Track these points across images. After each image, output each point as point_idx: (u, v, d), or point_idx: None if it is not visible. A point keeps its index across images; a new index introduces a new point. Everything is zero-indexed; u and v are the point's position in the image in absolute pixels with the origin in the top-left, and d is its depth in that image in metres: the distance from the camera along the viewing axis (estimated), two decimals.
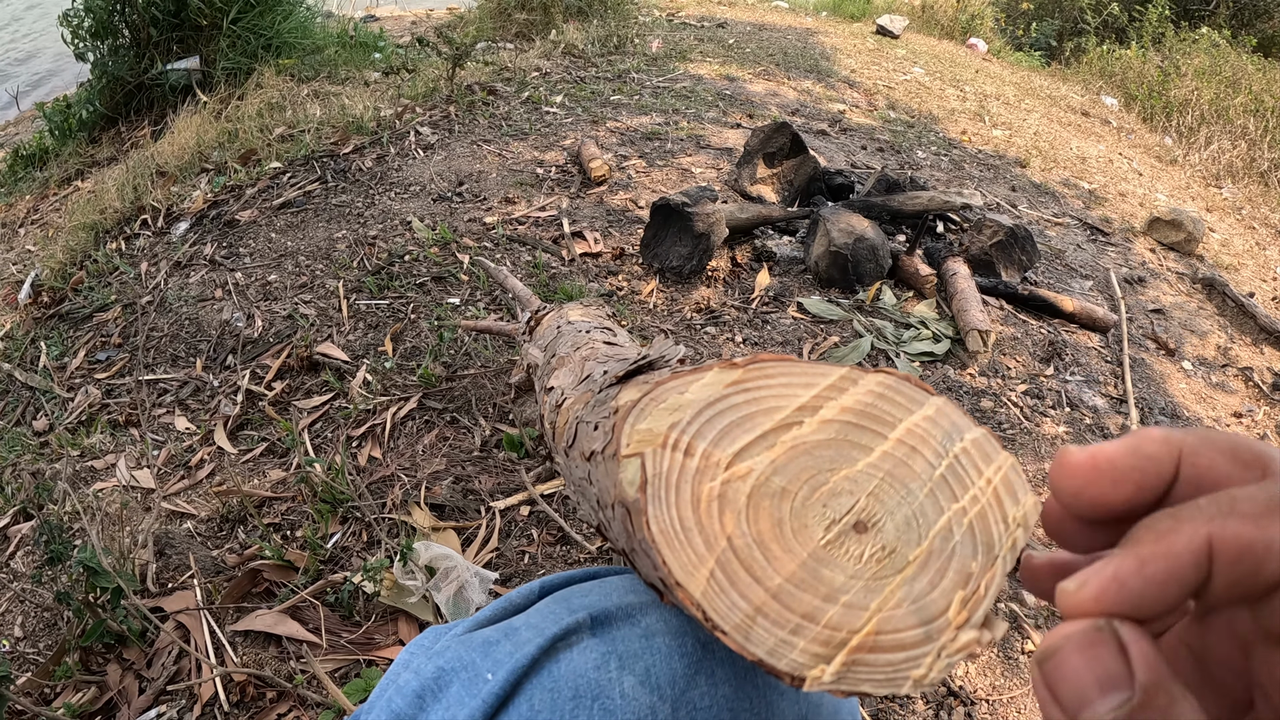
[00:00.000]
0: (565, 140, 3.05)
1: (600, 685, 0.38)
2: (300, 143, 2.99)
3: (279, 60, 3.93)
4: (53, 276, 2.51)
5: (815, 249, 2.24)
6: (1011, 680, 1.30)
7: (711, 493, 0.33)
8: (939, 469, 0.34)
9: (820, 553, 0.32)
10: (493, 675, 0.38)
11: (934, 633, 0.30)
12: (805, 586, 0.31)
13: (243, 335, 2.03)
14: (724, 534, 0.32)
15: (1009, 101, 5.09)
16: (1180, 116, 5.49)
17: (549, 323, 0.99)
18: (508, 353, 1.85)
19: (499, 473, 1.57)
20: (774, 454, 0.34)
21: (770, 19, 6.48)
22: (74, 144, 3.94)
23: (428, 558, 1.24)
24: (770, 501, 0.33)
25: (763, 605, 0.30)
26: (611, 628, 0.41)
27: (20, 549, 1.57)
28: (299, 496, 1.52)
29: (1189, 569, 0.21)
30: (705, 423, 0.35)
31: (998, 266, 2.38)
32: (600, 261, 2.26)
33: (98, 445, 1.78)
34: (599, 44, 4.56)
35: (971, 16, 7.36)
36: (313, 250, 2.34)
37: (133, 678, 1.23)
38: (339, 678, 1.19)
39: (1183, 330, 2.52)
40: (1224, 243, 3.52)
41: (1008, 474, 0.33)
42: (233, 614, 1.29)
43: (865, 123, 3.87)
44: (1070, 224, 3.15)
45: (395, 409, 1.72)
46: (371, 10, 6.25)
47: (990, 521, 0.32)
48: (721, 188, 2.75)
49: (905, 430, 0.35)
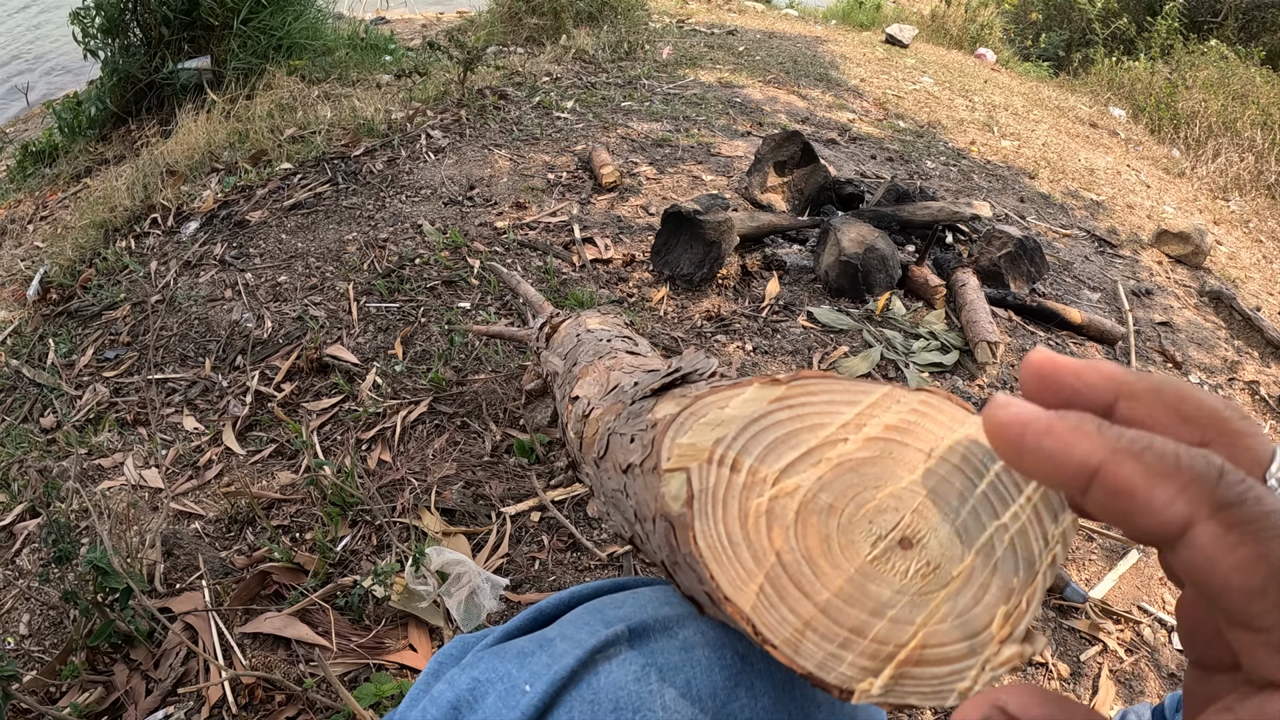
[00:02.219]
0: (576, 145, 3.06)
1: (641, 698, 0.38)
2: (311, 144, 3.00)
3: (289, 61, 3.94)
4: (61, 273, 2.51)
5: (825, 258, 2.24)
6: None
7: (759, 508, 0.33)
8: (980, 486, 0.34)
9: (867, 568, 0.32)
10: (531, 687, 0.38)
11: (978, 646, 0.30)
12: (853, 601, 0.31)
13: (252, 336, 2.03)
14: (773, 549, 0.32)
15: (1017, 112, 5.10)
16: (1188, 128, 5.49)
17: (567, 330, 0.98)
18: (518, 358, 1.85)
19: (509, 478, 1.57)
20: (820, 470, 0.34)
21: (780, 27, 6.49)
22: (83, 141, 3.96)
23: (439, 563, 1.24)
24: (818, 518, 0.33)
25: (812, 620, 0.31)
26: (650, 640, 0.41)
27: (26, 546, 1.57)
28: (308, 499, 1.52)
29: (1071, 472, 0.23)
30: (751, 438, 0.35)
31: (1006, 278, 2.37)
32: (611, 268, 2.26)
33: (105, 444, 1.78)
34: (609, 50, 4.58)
35: (980, 26, 7.37)
36: (323, 252, 2.35)
37: (140, 678, 1.22)
38: (348, 682, 1.19)
39: (1189, 343, 2.52)
40: (1231, 256, 3.52)
41: (1046, 492, 0.34)
42: (241, 616, 1.29)
43: (874, 132, 3.88)
44: (1078, 235, 3.15)
45: (405, 412, 1.72)
46: (382, 13, 6.27)
47: (1030, 538, 0.33)
48: (731, 195, 2.75)
49: (948, 448, 0.35)
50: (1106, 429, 0.22)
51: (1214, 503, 0.20)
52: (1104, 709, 1.29)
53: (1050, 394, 0.26)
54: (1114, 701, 1.30)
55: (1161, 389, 0.24)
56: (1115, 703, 1.30)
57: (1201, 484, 0.20)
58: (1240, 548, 0.20)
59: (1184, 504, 0.20)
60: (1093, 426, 0.23)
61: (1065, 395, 0.26)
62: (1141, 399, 0.24)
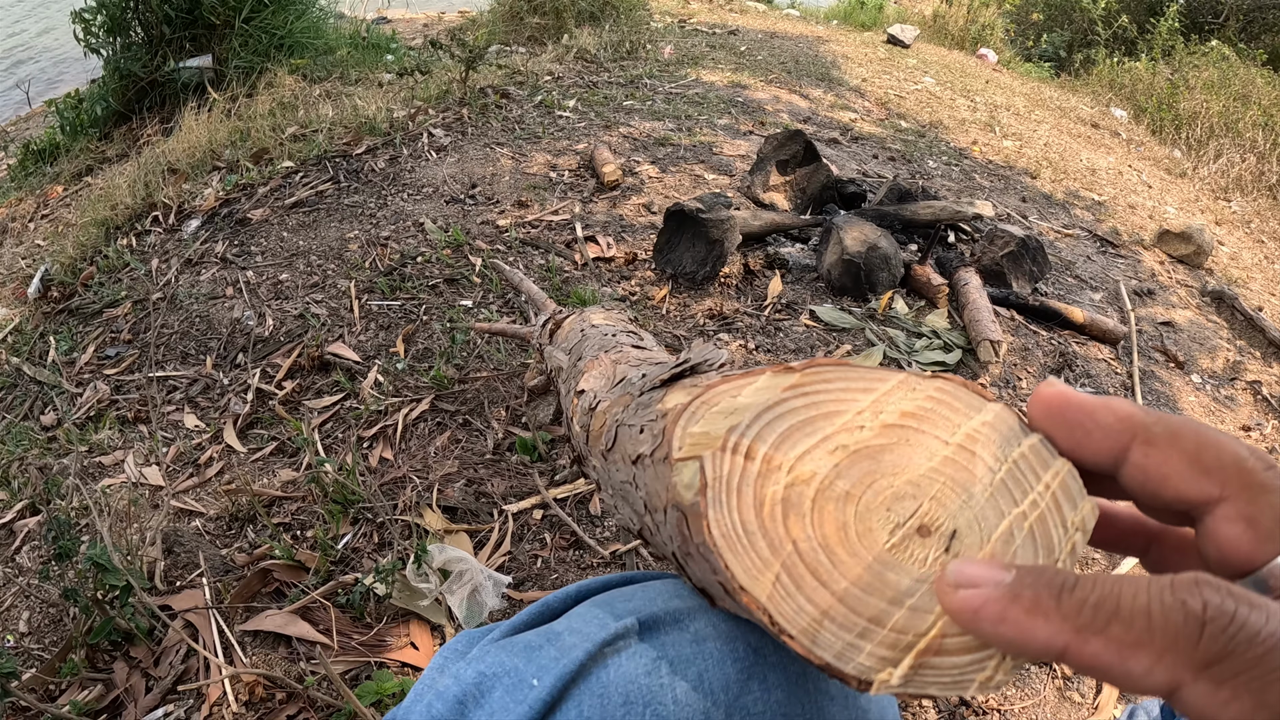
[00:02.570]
0: (578, 144, 3.05)
1: (652, 691, 0.37)
2: (313, 142, 2.99)
3: (291, 60, 3.94)
4: (63, 271, 2.51)
5: (828, 257, 2.23)
6: (1022, 691, 1.29)
7: (775, 496, 0.32)
8: (999, 474, 0.34)
9: (885, 556, 0.31)
10: (538, 681, 0.38)
11: None
12: (871, 590, 0.30)
13: (253, 334, 2.03)
14: (789, 538, 0.31)
15: (1019, 112, 5.09)
16: (1189, 129, 5.49)
17: (571, 326, 0.98)
18: (520, 356, 1.84)
19: (511, 476, 1.56)
20: (837, 458, 0.33)
21: (781, 27, 6.49)
22: (85, 140, 3.95)
23: (441, 560, 1.24)
24: (834, 505, 0.32)
25: (829, 609, 0.30)
26: (660, 633, 0.41)
27: (27, 543, 1.57)
28: (309, 497, 1.51)
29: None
30: (765, 426, 0.34)
31: (1009, 277, 2.37)
32: (613, 266, 2.25)
33: (106, 441, 1.77)
34: (611, 49, 4.57)
35: (982, 27, 7.37)
36: (325, 250, 2.34)
37: (140, 676, 1.22)
38: (349, 680, 1.18)
39: (1192, 343, 2.51)
40: (1233, 256, 3.51)
41: (1065, 479, 0.33)
42: (242, 613, 1.28)
43: (876, 132, 3.88)
44: (1080, 235, 3.14)
45: (407, 410, 1.71)
46: (384, 12, 6.26)
47: (1050, 526, 0.32)
48: (734, 194, 2.75)
49: (965, 435, 0.35)
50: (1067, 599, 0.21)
51: (1198, 663, 0.19)
52: (1108, 708, 1.28)
53: (1061, 431, 0.26)
54: (1117, 701, 1.30)
55: (1180, 435, 0.23)
56: (1119, 702, 1.29)
57: (1180, 647, 0.19)
58: (1235, 703, 0.18)
59: (1164, 671, 0.19)
60: (1051, 601, 0.21)
61: (1076, 436, 0.25)
62: (1158, 446, 0.23)
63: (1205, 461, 0.23)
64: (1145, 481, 0.24)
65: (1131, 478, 0.25)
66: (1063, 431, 0.25)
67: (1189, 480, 0.23)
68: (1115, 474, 0.26)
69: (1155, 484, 0.24)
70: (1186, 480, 0.23)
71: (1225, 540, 0.23)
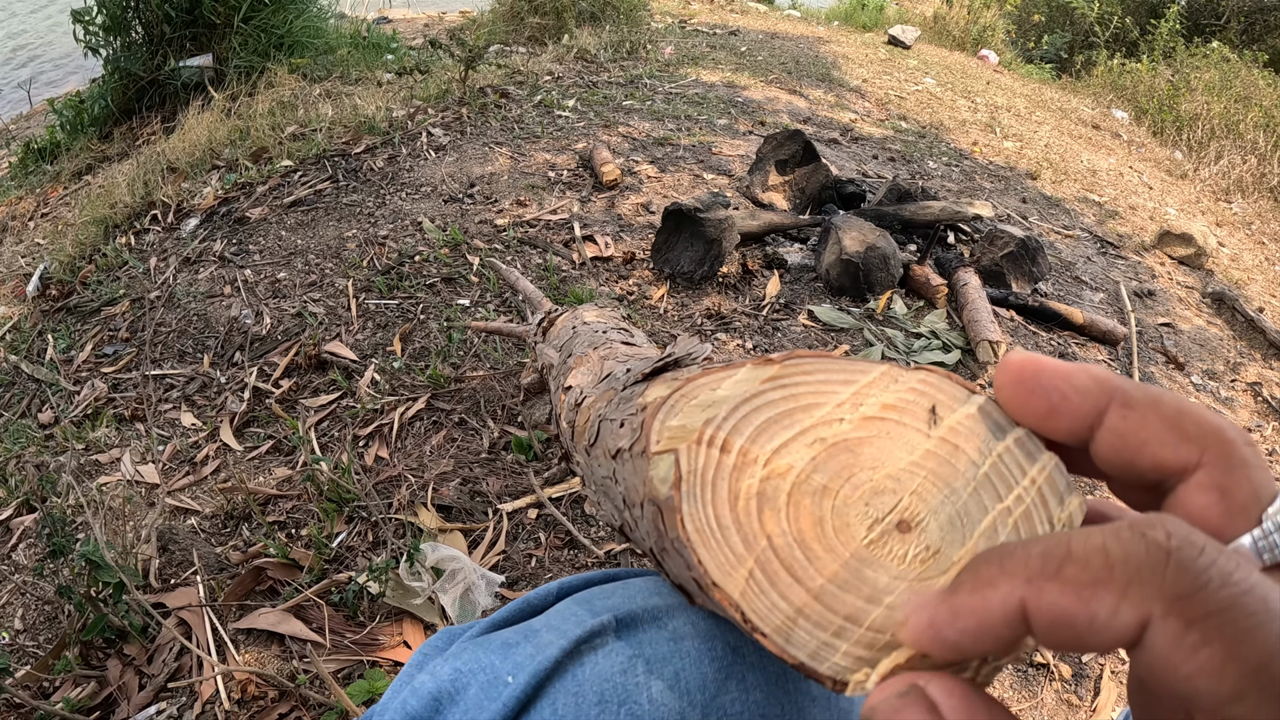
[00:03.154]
0: (577, 144, 3.05)
1: (627, 689, 0.37)
2: (312, 141, 2.99)
3: (291, 59, 3.94)
4: (61, 270, 2.51)
5: (827, 257, 2.23)
6: (1020, 693, 1.28)
7: (750, 490, 0.32)
8: (982, 468, 0.33)
9: (863, 552, 0.30)
10: (513, 678, 0.37)
11: None
12: (848, 587, 0.30)
13: (251, 332, 2.02)
14: (763, 533, 0.31)
15: (1020, 113, 5.09)
16: (1190, 131, 5.48)
17: (563, 323, 0.98)
18: (517, 355, 1.84)
19: (507, 475, 1.56)
20: (814, 451, 0.33)
21: (782, 27, 6.49)
22: (85, 139, 3.95)
23: (434, 559, 1.23)
24: (811, 499, 0.32)
25: (804, 607, 0.29)
26: (638, 630, 0.40)
27: (22, 541, 1.57)
28: (304, 495, 1.51)
29: (1001, 627, 0.20)
30: (742, 419, 0.34)
31: (1008, 278, 2.36)
32: (611, 265, 2.25)
33: (103, 439, 1.77)
34: (611, 49, 4.57)
35: (983, 28, 7.36)
36: (323, 249, 2.34)
37: (133, 674, 1.21)
38: (342, 678, 1.18)
39: (1192, 344, 2.50)
40: (1234, 257, 3.50)
41: (1052, 473, 0.32)
42: (235, 612, 1.28)
43: (876, 132, 3.87)
44: (1081, 236, 3.14)
45: (403, 409, 1.71)
46: (384, 12, 6.27)
47: (1035, 522, 0.31)
48: (733, 194, 2.74)
49: (948, 429, 0.34)
50: (1010, 561, 0.20)
51: (1167, 595, 0.17)
52: (1106, 710, 1.28)
53: (1033, 400, 0.24)
54: (1116, 703, 1.29)
55: (1160, 401, 0.22)
56: (1117, 704, 1.29)
57: (1145, 577, 0.17)
58: (1204, 648, 0.16)
59: (1131, 608, 0.17)
60: (996, 569, 0.20)
61: (1050, 400, 0.24)
62: (1137, 409, 0.22)
63: (1185, 427, 0.22)
64: (1121, 448, 0.23)
65: (1107, 444, 0.23)
66: (1035, 399, 0.24)
67: (1168, 445, 0.22)
68: (1088, 444, 0.24)
69: (1132, 450, 0.23)
70: (1165, 445, 0.22)
71: (1195, 509, 0.22)
